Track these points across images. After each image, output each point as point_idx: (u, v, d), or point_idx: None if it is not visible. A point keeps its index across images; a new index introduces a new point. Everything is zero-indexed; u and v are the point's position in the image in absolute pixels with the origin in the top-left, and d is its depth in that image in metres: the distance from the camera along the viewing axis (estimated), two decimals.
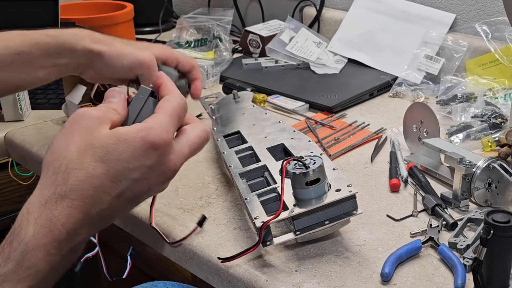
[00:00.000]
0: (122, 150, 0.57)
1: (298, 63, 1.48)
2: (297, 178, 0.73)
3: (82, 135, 0.57)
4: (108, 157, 0.57)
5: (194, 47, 1.57)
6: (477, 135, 1.08)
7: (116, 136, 0.58)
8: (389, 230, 0.83)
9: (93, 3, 1.78)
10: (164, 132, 0.59)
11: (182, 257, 0.82)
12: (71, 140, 0.57)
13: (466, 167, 0.85)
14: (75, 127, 0.58)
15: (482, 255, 0.67)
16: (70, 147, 0.57)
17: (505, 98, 1.20)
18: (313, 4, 1.68)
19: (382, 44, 1.47)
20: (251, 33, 1.59)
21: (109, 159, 0.57)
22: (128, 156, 0.57)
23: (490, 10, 1.37)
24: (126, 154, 0.57)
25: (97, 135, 0.57)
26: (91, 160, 0.56)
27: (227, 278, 0.76)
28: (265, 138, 0.93)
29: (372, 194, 0.92)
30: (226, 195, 0.93)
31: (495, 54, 1.28)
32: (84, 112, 0.59)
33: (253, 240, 0.80)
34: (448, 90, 1.28)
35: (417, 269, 0.75)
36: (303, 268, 0.75)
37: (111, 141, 0.57)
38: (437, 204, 0.85)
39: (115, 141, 0.57)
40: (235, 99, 1.13)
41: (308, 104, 1.27)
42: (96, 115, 0.59)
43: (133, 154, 0.58)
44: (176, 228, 0.85)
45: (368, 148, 1.08)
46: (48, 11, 1.47)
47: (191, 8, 1.94)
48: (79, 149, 0.56)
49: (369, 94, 1.32)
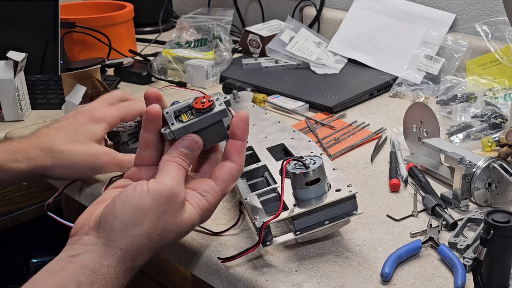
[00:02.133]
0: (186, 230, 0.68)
1: (298, 63, 1.48)
2: (297, 178, 0.73)
3: (168, 222, 0.65)
4: (176, 236, 0.67)
5: (194, 47, 1.57)
6: (477, 135, 1.08)
7: (189, 224, 0.67)
8: (389, 230, 0.83)
9: (93, 3, 1.78)
10: (214, 210, 0.71)
11: (182, 257, 0.82)
12: (157, 223, 0.64)
13: (466, 167, 0.85)
14: (164, 208, 0.64)
15: (482, 255, 0.67)
16: (156, 229, 0.64)
17: (505, 98, 1.20)
18: (313, 4, 1.68)
19: (382, 44, 1.47)
20: (251, 33, 1.59)
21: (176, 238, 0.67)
22: (187, 231, 0.69)
23: (490, 10, 1.37)
24: (188, 231, 0.68)
25: (179, 224, 0.66)
26: (165, 244, 0.66)
27: (227, 278, 0.76)
28: (265, 138, 0.93)
29: (372, 194, 0.92)
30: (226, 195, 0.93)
31: (495, 54, 1.28)
32: (173, 193, 0.65)
33: (253, 240, 0.80)
34: (448, 90, 1.28)
35: (417, 269, 0.75)
36: (303, 268, 0.75)
37: (185, 229, 0.67)
38: (437, 204, 0.85)
39: (187, 228, 0.67)
40: (235, 99, 1.13)
41: (308, 104, 1.27)
42: (182, 199, 0.66)
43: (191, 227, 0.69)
44: None
45: (368, 148, 1.08)
46: (48, 11, 1.47)
47: (191, 8, 1.94)
48: (163, 233, 0.65)
49: (369, 94, 1.32)
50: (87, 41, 1.57)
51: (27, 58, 1.25)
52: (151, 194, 0.63)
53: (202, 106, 0.68)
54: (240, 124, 0.70)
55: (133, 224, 0.62)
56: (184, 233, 0.68)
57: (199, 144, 0.69)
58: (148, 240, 0.64)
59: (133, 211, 0.62)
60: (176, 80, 1.43)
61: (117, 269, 0.62)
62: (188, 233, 0.69)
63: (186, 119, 0.68)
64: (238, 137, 0.70)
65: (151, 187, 0.64)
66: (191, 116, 0.68)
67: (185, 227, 0.66)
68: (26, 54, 1.25)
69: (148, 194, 0.63)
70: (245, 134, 0.70)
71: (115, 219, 0.62)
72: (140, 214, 0.62)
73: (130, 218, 0.62)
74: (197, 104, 0.68)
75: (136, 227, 0.62)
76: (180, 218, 0.65)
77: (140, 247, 0.63)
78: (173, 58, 1.46)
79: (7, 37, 1.46)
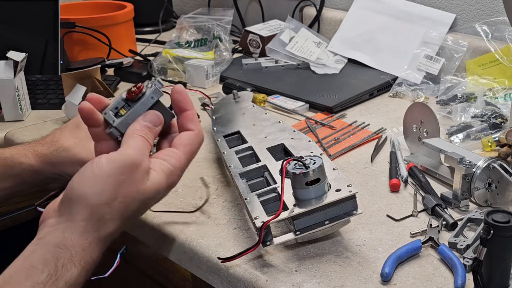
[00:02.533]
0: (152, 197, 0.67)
1: (298, 63, 1.48)
2: (297, 178, 0.73)
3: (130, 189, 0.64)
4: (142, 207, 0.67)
5: (194, 47, 1.57)
6: (477, 135, 1.08)
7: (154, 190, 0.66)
8: (389, 230, 0.83)
9: (93, 3, 1.78)
10: (181, 175, 0.70)
11: (182, 257, 0.82)
12: (119, 190, 0.64)
13: (466, 167, 0.85)
14: (124, 176, 0.64)
15: (482, 255, 0.67)
16: (117, 197, 0.63)
17: (505, 98, 1.20)
18: (313, 4, 1.68)
19: (382, 44, 1.47)
20: (251, 33, 1.59)
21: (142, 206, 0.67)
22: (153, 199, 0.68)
23: (490, 10, 1.37)
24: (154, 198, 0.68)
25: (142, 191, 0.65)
26: (130, 212, 0.65)
27: (227, 278, 0.76)
28: (265, 138, 0.93)
29: (372, 194, 0.92)
30: (226, 195, 0.93)
31: (495, 54, 1.28)
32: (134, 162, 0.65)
33: (253, 240, 0.80)
34: (448, 90, 1.28)
35: (417, 269, 0.75)
36: (303, 268, 0.75)
37: (150, 195, 0.66)
38: (437, 204, 0.85)
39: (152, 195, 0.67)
40: (235, 99, 1.13)
41: (308, 104, 1.27)
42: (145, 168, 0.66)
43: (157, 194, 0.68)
44: (176, 229, 0.85)
45: (368, 148, 1.08)
46: (48, 11, 1.48)
47: (191, 8, 1.94)
48: (125, 200, 0.64)
49: (369, 94, 1.32)
50: (87, 41, 1.57)
51: (27, 58, 1.26)
52: (110, 163, 0.64)
53: (134, 95, 0.70)
54: (178, 96, 0.72)
55: (91, 193, 0.63)
56: (150, 200, 0.67)
57: (160, 119, 0.70)
58: (110, 208, 0.63)
59: (91, 182, 0.63)
60: (176, 80, 1.43)
61: (81, 241, 0.62)
62: (156, 200, 0.69)
63: (124, 112, 0.70)
64: (185, 109, 0.72)
65: (111, 157, 0.64)
66: (128, 108, 0.70)
67: (150, 194, 0.66)
68: (26, 54, 1.25)
69: (107, 163, 0.64)
70: (189, 103, 0.72)
71: (73, 191, 0.63)
72: (98, 183, 0.63)
73: (88, 188, 0.63)
74: (129, 95, 0.70)
75: (94, 196, 0.63)
76: (143, 186, 0.65)
77: (102, 216, 0.63)
78: (173, 58, 1.46)
79: (7, 37, 1.46)
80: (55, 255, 0.60)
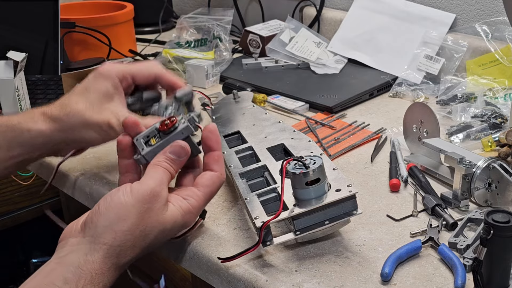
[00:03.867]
0: (169, 229, 0.70)
1: (298, 63, 1.48)
2: (297, 178, 0.73)
3: (151, 219, 0.67)
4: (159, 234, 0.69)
5: (194, 47, 1.57)
6: (477, 135, 1.08)
7: (172, 222, 0.69)
8: (389, 230, 0.83)
9: (93, 3, 1.78)
10: (198, 214, 0.73)
11: (182, 257, 0.82)
12: (141, 219, 0.67)
13: (466, 167, 0.85)
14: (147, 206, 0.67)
15: (482, 255, 0.67)
16: (139, 226, 0.66)
17: (505, 98, 1.20)
18: (313, 4, 1.68)
19: (382, 44, 1.47)
20: (251, 33, 1.59)
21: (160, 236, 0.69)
22: (170, 231, 0.71)
23: (490, 10, 1.37)
24: (171, 230, 0.71)
25: (161, 221, 0.68)
26: (148, 242, 0.68)
27: (227, 278, 0.76)
28: (265, 138, 0.93)
29: (372, 194, 0.92)
30: (226, 195, 0.93)
31: (495, 54, 1.28)
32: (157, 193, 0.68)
33: (253, 240, 0.80)
34: (448, 90, 1.28)
35: (417, 269, 0.75)
36: (303, 268, 0.75)
37: (168, 227, 0.69)
38: (437, 204, 0.85)
39: (170, 226, 0.69)
40: (235, 99, 1.13)
41: (308, 104, 1.27)
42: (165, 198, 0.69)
43: (173, 230, 0.71)
44: None
45: (368, 148, 1.08)
46: (48, 11, 1.47)
47: (191, 8, 1.94)
48: (145, 229, 0.67)
49: (369, 94, 1.32)
50: (87, 41, 1.57)
51: (27, 58, 1.25)
52: (134, 193, 0.67)
53: (166, 128, 0.73)
54: (210, 136, 0.75)
55: (116, 220, 0.65)
56: (167, 231, 0.70)
57: (185, 150, 0.73)
58: (132, 236, 0.66)
59: (116, 208, 0.66)
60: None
61: (102, 265, 0.64)
62: (173, 233, 0.72)
63: (154, 142, 0.74)
64: (213, 148, 0.75)
65: (134, 187, 0.68)
66: (158, 139, 0.74)
67: (167, 225, 0.69)
68: (26, 54, 1.24)
69: (131, 193, 0.67)
70: (218, 144, 0.75)
71: (100, 217, 0.66)
72: (123, 211, 0.66)
73: (114, 214, 0.65)
74: (162, 127, 0.74)
75: (119, 223, 0.65)
76: (162, 216, 0.68)
77: (124, 242, 0.65)
78: (173, 58, 1.46)
79: (7, 37, 1.46)
80: (77, 275, 0.62)
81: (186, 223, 0.72)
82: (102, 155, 1.05)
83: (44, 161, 1.05)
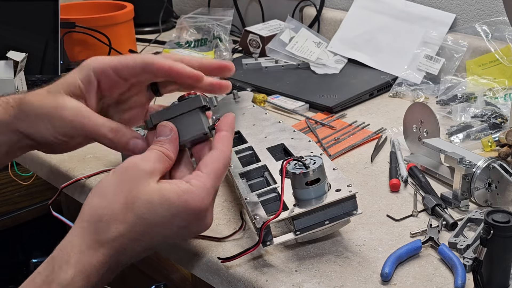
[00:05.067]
0: (164, 210, 0.62)
1: (298, 63, 1.48)
2: (297, 178, 0.73)
3: (131, 188, 0.62)
4: (149, 215, 0.62)
5: (194, 47, 1.57)
6: (477, 135, 1.08)
7: (160, 195, 0.62)
8: (389, 230, 0.83)
9: (93, 3, 1.78)
10: (206, 197, 0.64)
11: (182, 257, 0.82)
12: (119, 191, 0.62)
13: (466, 167, 0.85)
14: (126, 176, 0.63)
15: (482, 255, 0.67)
16: (118, 198, 0.62)
17: (505, 98, 1.20)
18: (313, 4, 1.68)
19: (382, 44, 1.47)
20: (251, 33, 1.59)
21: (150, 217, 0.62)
22: (169, 217, 0.62)
23: (490, 10, 1.37)
24: (167, 215, 0.62)
25: (145, 191, 0.62)
26: (134, 216, 0.61)
27: (227, 278, 0.76)
28: (265, 138, 0.93)
29: (372, 194, 0.92)
30: (226, 195, 0.93)
31: (495, 54, 1.28)
32: (136, 164, 0.64)
33: (253, 240, 0.80)
34: (448, 90, 1.28)
35: (417, 269, 0.75)
36: (303, 268, 0.75)
37: (155, 199, 0.62)
38: (437, 204, 0.85)
39: (158, 200, 0.62)
40: (235, 99, 1.13)
41: (308, 104, 1.28)
42: (148, 169, 0.63)
43: (173, 216, 0.63)
44: None
45: (368, 148, 1.08)
46: (48, 11, 1.47)
47: (191, 8, 1.94)
48: (126, 201, 0.61)
49: (369, 94, 1.32)
50: (87, 41, 1.57)
51: (27, 58, 1.25)
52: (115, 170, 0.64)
53: (180, 98, 0.71)
54: (223, 118, 0.71)
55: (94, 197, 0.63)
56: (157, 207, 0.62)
57: (168, 128, 0.69)
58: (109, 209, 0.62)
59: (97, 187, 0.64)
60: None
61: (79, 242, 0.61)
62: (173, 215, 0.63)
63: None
64: (220, 129, 0.70)
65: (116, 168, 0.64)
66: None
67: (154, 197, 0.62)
68: (26, 54, 1.25)
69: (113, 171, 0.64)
70: (227, 126, 0.70)
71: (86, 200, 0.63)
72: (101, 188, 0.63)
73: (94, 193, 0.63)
74: (179, 99, 0.71)
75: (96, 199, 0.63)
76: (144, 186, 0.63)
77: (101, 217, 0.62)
78: None
79: (7, 37, 1.46)
80: (54, 257, 0.60)
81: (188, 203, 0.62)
82: (102, 155, 1.05)
83: (44, 161, 1.05)
